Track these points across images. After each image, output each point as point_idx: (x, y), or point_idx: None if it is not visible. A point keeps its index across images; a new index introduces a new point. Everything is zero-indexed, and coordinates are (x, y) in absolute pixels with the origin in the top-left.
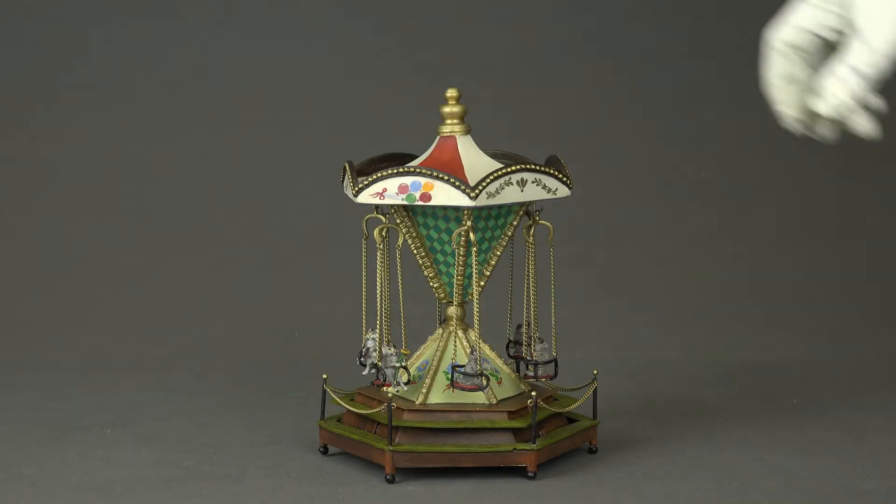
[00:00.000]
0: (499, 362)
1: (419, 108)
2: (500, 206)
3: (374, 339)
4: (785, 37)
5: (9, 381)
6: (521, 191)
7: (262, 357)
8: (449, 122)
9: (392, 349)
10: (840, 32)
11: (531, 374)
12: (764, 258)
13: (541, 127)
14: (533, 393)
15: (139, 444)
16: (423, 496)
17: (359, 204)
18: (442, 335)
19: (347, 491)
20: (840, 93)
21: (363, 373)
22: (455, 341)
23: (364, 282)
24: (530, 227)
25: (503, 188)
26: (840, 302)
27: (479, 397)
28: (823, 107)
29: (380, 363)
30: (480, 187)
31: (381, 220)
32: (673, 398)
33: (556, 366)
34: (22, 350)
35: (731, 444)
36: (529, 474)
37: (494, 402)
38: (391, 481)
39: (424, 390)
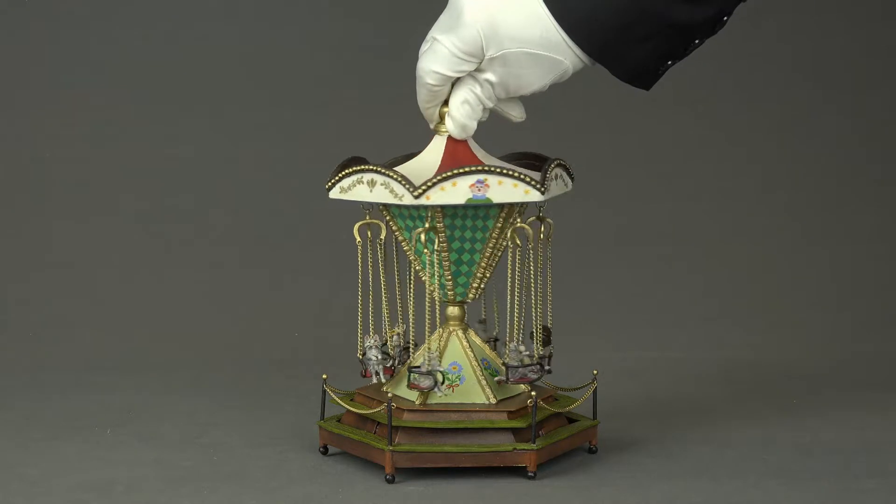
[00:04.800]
0: (498, 362)
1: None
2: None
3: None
4: (434, 81)
5: (9, 381)
6: (371, 191)
7: (262, 357)
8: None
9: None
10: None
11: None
12: (764, 258)
13: (542, 127)
14: (533, 393)
15: (139, 444)
16: (423, 496)
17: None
18: (442, 335)
19: (347, 491)
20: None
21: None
22: (455, 341)
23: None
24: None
25: (355, 186)
26: (840, 302)
27: (479, 397)
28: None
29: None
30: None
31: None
32: (673, 398)
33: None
34: (22, 350)
35: (731, 444)
36: (529, 474)
37: (494, 402)
38: (391, 481)
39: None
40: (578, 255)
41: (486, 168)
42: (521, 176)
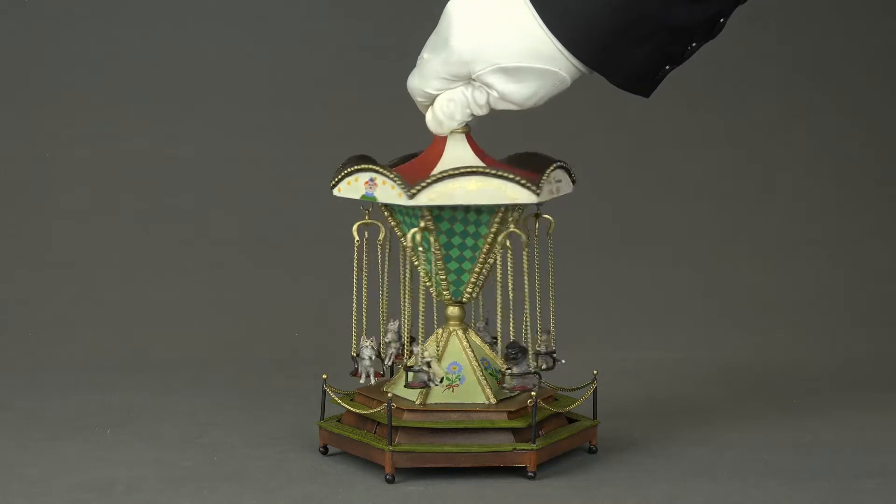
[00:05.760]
0: (499, 362)
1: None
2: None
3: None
4: (423, 98)
5: (9, 381)
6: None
7: (262, 357)
8: None
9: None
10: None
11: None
12: (764, 258)
13: (543, 127)
14: (533, 393)
15: (139, 444)
16: (423, 496)
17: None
18: (442, 335)
19: (347, 491)
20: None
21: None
22: (455, 341)
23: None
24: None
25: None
26: (840, 302)
27: (479, 397)
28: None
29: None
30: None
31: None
32: (673, 398)
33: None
34: (22, 350)
35: (731, 444)
36: (529, 474)
37: (494, 402)
38: (391, 481)
39: (424, 390)
40: (578, 255)
41: (376, 168)
42: (395, 178)
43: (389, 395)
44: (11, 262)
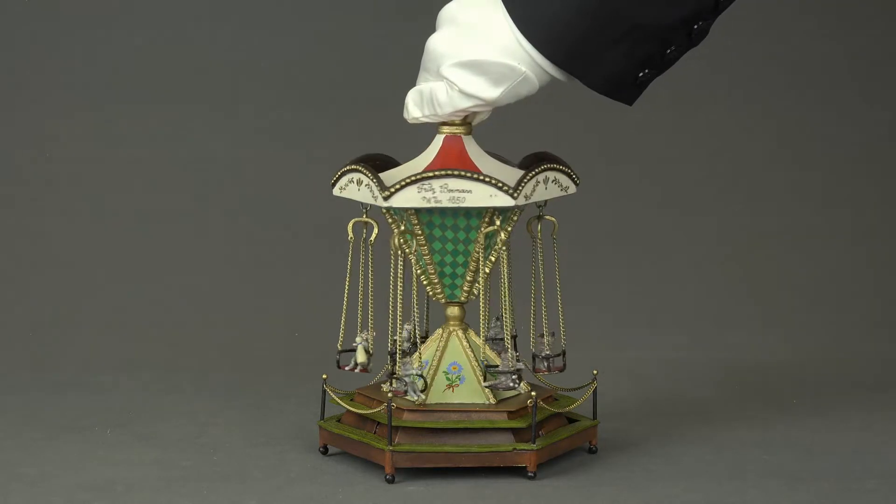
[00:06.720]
0: (498, 362)
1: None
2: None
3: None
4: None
5: (9, 381)
6: (546, 188)
7: (262, 357)
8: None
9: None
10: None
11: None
12: (764, 258)
13: (543, 125)
14: (533, 393)
15: (139, 444)
16: (423, 496)
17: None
18: (442, 335)
19: (347, 491)
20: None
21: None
22: (455, 341)
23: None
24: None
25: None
26: (840, 302)
27: (479, 397)
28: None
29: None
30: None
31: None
32: (673, 398)
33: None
34: (22, 350)
35: (731, 445)
36: (529, 474)
37: (494, 402)
38: (391, 481)
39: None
40: (578, 255)
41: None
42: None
43: (389, 395)
44: (11, 262)
